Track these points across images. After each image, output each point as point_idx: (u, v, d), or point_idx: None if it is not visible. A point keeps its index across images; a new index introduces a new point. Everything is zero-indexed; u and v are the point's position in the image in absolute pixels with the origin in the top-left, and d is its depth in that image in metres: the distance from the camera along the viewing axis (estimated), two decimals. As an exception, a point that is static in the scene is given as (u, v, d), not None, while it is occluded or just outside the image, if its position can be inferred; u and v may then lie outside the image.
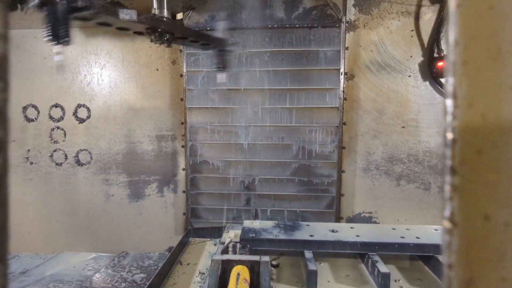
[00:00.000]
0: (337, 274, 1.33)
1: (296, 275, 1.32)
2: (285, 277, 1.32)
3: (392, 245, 1.35)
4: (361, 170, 2.12)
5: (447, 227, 0.33)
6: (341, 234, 1.40)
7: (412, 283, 1.25)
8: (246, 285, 1.05)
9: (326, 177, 2.08)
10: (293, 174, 2.09)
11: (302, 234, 1.42)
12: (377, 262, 1.26)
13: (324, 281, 1.27)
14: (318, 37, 1.97)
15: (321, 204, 2.10)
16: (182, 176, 2.22)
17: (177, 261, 1.59)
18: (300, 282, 1.27)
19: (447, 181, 0.33)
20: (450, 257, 0.32)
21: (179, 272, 1.49)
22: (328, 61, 2.00)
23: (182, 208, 2.24)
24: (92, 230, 2.31)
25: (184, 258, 1.65)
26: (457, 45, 0.32)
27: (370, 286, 1.23)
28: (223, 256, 1.18)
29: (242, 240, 1.38)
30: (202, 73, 2.09)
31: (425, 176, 2.10)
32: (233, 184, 2.13)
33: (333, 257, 1.45)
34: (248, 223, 1.56)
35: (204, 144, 2.14)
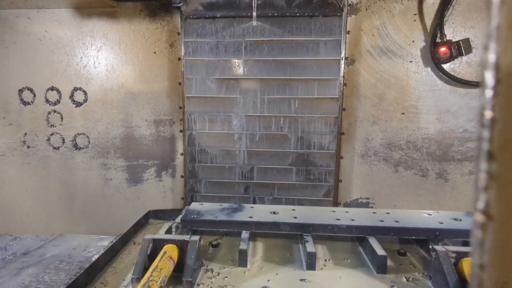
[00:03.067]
0: (269, 254, 1.40)
1: (232, 254, 1.39)
2: (221, 256, 1.38)
3: (328, 227, 1.41)
4: (359, 156, 2.08)
5: (480, 222, 0.27)
6: (280, 216, 1.47)
7: (338, 263, 1.32)
8: (170, 262, 1.10)
9: (325, 167, 2.04)
10: (291, 164, 2.05)
11: (243, 215, 1.47)
12: (307, 242, 1.32)
13: (254, 260, 1.34)
14: (319, 26, 1.90)
15: (320, 191, 2.06)
16: (180, 161, 2.17)
17: (131, 241, 1.64)
18: (233, 261, 1.33)
19: (483, 168, 0.27)
20: (482, 256, 0.27)
21: (130, 251, 1.55)
22: (329, 51, 1.92)
23: (181, 193, 2.20)
24: (91, 213, 2.27)
25: (139, 238, 1.71)
26: (503, 4, 0.25)
27: (298, 263, 1.30)
28: (154, 235, 1.23)
29: (183, 221, 1.43)
30: (202, 61, 2.00)
31: (423, 163, 2.07)
32: (231, 173, 2.09)
33: (270, 238, 1.53)
34: (195, 205, 1.61)
35: (202, 134, 2.08)
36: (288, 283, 1.18)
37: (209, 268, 1.28)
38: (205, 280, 1.19)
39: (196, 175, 2.11)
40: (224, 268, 1.28)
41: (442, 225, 1.39)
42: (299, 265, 1.30)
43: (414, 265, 1.33)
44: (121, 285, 1.26)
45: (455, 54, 1.82)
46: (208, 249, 1.45)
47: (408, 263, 1.34)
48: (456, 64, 1.95)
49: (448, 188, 2.07)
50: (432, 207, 2.08)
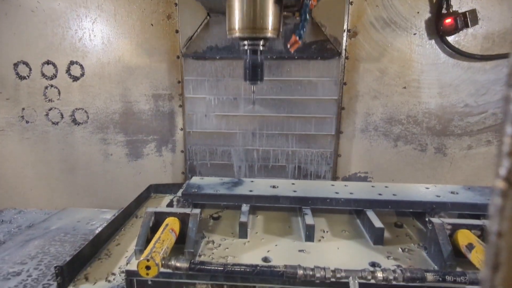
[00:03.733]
0: (268, 227, 1.44)
1: (232, 227, 1.42)
2: (221, 228, 1.42)
3: (327, 200, 1.43)
4: (359, 131, 2.08)
5: (501, 188, 0.26)
6: (280, 190, 1.49)
7: (336, 234, 1.36)
8: (172, 234, 1.12)
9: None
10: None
11: (243, 189, 1.49)
12: (306, 215, 1.35)
13: (253, 232, 1.39)
14: (317, 67, 1.93)
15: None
16: (180, 136, 2.16)
17: (133, 214, 1.68)
18: (234, 233, 1.37)
19: (507, 131, 0.25)
20: (501, 224, 0.26)
21: (132, 224, 1.59)
22: (327, 91, 1.96)
23: (181, 167, 2.22)
24: (92, 188, 2.29)
25: (141, 211, 1.74)
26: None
27: (297, 235, 1.35)
28: (156, 208, 1.25)
29: (184, 194, 1.45)
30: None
31: (422, 138, 2.06)
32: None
33: (269, 211, 1.57)
34: (195, 179, 1.62)
35: (203, 165, 2.13)
36: (287, 253, 1.21)
37: (210, 239, 1.31)
38: (207, 251, 1.22)
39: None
40: (225, 240, 1.31)
41: (439, 198, 1.41)
42: (298, 237, 1.33)
43: (410, 237, 1.36)
44: (125, 256, 1.30)
45: (461, 26, 1.77)
46: (209, 222, 1.48)
47: (404, 235, 1.38)
48: (461, 36, 1.89)
49: (446, 162, 2.09)
50: (430, 181, 2.10)
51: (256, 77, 1.37)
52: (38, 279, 1.28)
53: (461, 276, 0.97)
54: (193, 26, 1.92)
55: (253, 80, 1.39)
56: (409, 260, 1.18)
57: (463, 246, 1.09)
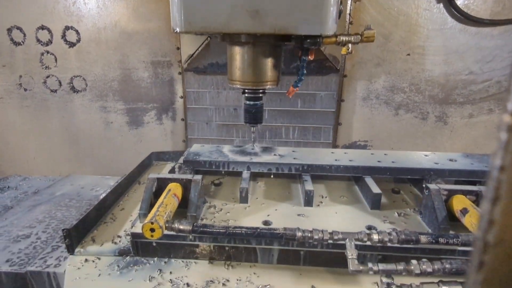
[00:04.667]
0: (268, 192, 1.47)
1: (233, 192, 1.46)
2: (223, 194, 1.45)
3: (327, 167, 1.45)
4: (360, 99, 2.06)
5: (507, 122, 0.26)
6: (280, 157, 1.52)
7: (334, 200, 1.40)
8: (174, 199, 1.14)
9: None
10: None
11: (244, 157, 1.51)
12: (306, 181, 1.38)
13: (254, 197, 1.42)
14: (316, 82, 1.97)
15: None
16: (180, 104, 2.15)
17: (136, 181, 1.72)
18: (235, 198, 1.40)
19: None
20: (504, 157, 0.27)
21: (136, 190, 1.63)
22: (325, 104, 2.02)
23: (182, 135, 2.23)
24: (95, 155, 2.32)
25: (143, 178, 1.77)
26: None
27: (296, 201, 1.39)
28: (159, 174, 1.27)
29: (186, 161, 1.48)
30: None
31: (424, 106, 2.05)
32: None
33: (270, 178, 1.60)
34: (196, 147, 1.65)
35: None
36: (286, 217, 1.25)
37: (212, 204, 1.34)
38: (208, 215, 1.26)
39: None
40: (226, 205, 1.35)
41: (437, 166, 1.42)
42: (297, 202, 1.37)
43: (407, 202, 1.39)
44: (129, 220, 1.34)
45: (471, -12, 1.69)
46: (211, 188, 1.51)
47: (401, 200, 1.41)
48: (470, 0, 1.82)
49: (446, 131, 2.09)
50: (430, 150, 2.11)
51: (256, 120, 1.45)
52: (47, 241, 1.33)
53: (454, 238, 1.00)
54: (193, 45, 1.94)
55: (253, 123, 1.46)
56: (404, 224, 1.21)
57: (458, 210, 1.12)
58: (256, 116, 1.44)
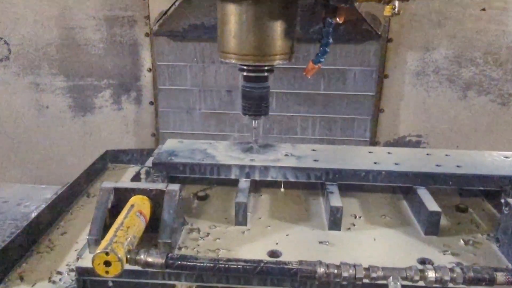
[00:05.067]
0: (277, 210, 1.47)
1: (225, 209, 1.45)
2: (210, 211, 1.45)
3: (362, 173, 1.46)
4: (412, 74, 2.07)
5: None
6: (294, 158, 1.51)
7: (372, 221, 1.41)
8: (140, 219, 1.14)
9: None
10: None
11: (242, 156, 1.50)
12: (331, 194, 1.39)
13: (256, 217, 1.42)
14: (347, 54, 2.00)
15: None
16: (148, 80, 2.16)
17: (83, 192, 1.72)
18: (228, 218, 1.39)
19: None
20: None
21: (83, 205, 1.64)
22: (360, 85, 2.04)
23: (150, 126, 2.23)
24: (23, 155, 2.33)
25: (94, 188, 1.76)
26: None
27: (317, 221, 1.40)
28: (116, 183, 1.26)
29: (156, 164, 1.46)
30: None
31: (504, 85, 2.06)
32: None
33: (279, 188, 1.59)
34: (172, 143, 1.64)
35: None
36: (302, 246, 1.25)
37: (194, 227, 1.35)
38: (190, 242, 1.26)
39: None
40: (215, 228, 1.35)
41: (524, 172, 1.43)
42: (318, 224, 1.37)
43: (477, 225, 1.40)
44: (74, 249, 1.35)
45: None
46: (193, 203, 1.51)
47: (469, 222, 1.41)
48: None
49: (537, 121, 2.10)
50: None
51: (259, 110, 1.44)
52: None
53: (546, 277, 1.01)
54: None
55: (255, 115, 1.45)
56: (473, 256, 1.21)
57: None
58: (259, 104, 1.43)
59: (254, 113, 1.46)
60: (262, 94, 1.43)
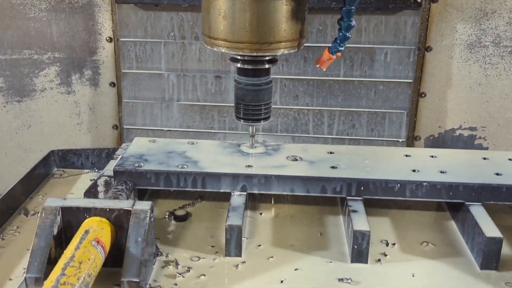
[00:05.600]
0: (282, 234, 1.49)
1: (212, 234, 1.47)
2: (192, 237, 1.45)
3: (395, 185, 1.47)
4: (464, 46, 2.06)
5: None
6: (305, 164, 1.54)
7: (410, 250, 1.41)
8: (98, 249, 1.14)
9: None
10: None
11: (235, 162, 1.53)
12: (355, 213, 1.40)
13: (253, 244, 1.43)
14: (376, 28, 2.03)
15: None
16: (109, 53, 2.15)
17: (18, 210, 1.71)
18: (217, 246, 1.40)
19: None
20: None
21: (18, 227, 1.62)
22: (393, 69, 2.05)
23: (111, 116, 2.23)
24: None
25: (33, 204, 1.76)
26: None
27: (336, 250, 1.40)
28: (65, 200, 1.27)
29: (119, 172, 1.50)
30: None
31: None
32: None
33: (284, 204, 1.63)
34: (141, 143, 1.66)
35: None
36: (317, 285, 1.24)
37: (170, 259, 1.34)
38: (165, 281, 1.26)
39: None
40: (199, 259, 1.34)
41: None
42: (337, 254, 1.37)
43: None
44: (5, 291, 1.34)
45: None
46: (169, 225, 1.51)
47: (540, 251, 1.41)
48: None
49: None
50: None
51: (258, 114, 1.47)
52: None
53: None
54: None
55: (253, 119, 1.48)
56: (548, 300, 1.22)
57: None
58: (257, 106, 1.45)
59: (251, 118, 1.48)
60: (261, 92, 1.45)
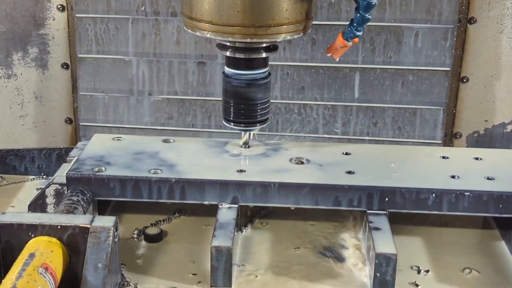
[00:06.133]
0: (282, 257, 1.49)
1: (193, 258, 1.48)
2: (167, 262, 1.46)
3: (429, 195, 1.48)
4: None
5: None
6: (312, 168, 1.56)
7: (447, 278, 1.40)
8: (46, 278, 1.13)
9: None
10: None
11: (224, 166, 1.55)
12: (377, 231, 1.40)
13: (246, 271, 1.41)
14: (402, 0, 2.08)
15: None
16: (60, 25, 2.18)
17: None
18: (201, 273, 1.40)
19: None
20: None
21: None
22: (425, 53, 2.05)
23: (64, 106, 2.26)
24: None
25: None
26: None
27: (352, 278, 1.41)
28: (5, 215, 1.27)
29: (73, 179, 1.50)
30: None
31: None
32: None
33: (285, 220, 1.65)
34: (102, 141, 1.68)
35: None
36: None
37: (139, 291, 1.37)
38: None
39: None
40: (176, 292, 1.37)
41: None
42: (355, 284, 1.39)
43: None
44: None
45: None
46: (138, 246, 1.53)
47: None
48: None
49: None
50: None
51: (253, 116, 1.49)
52: None
53: None
54: None
55: (246, 123, 1.50)
56: None
57: None
58: (252, 106, 1.47)
59: (244, 121, 1.51)
60: (257, 89, 1.47)
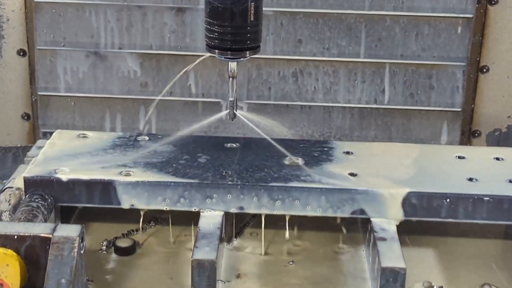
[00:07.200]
0: (276, 273, 1.49)
1: (171, 274, 1.50)
2: (141, 278, 1.47)
3: (443, 201, 1.49)
4: None
5: None
6: (312, 170, 1.57)
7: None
8: None
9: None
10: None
11: (206, 167, 1.58)
12: (382, 240, 1.42)
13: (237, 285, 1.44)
14: None
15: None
16: (16, 5, 2.19)
17: None
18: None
19: None
20: None
21: None
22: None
23: (20, 99, 2.27)
24: None
25: None
26: None
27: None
28: None
29: (30, 183, 1.51)
30: None
31: None
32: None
33: (279, 229, 1.60)
34: (65, 139, 1.70)
35: None
36: None
37: (110, 311, 1.36)
38: None
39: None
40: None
41: None
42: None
43: None
44: None
45: None
46: (108, 260, 1.52)
47: None
48: None
49: None
50: None
51: (243, 41, 1.45)
52: None
53: None
54: None
55: (232, 50, 1.45)
56: None
57: None
58: (240, 28, 1.43)
59: (231, 48, 1.46)
60: (245, 9, 1.42)
